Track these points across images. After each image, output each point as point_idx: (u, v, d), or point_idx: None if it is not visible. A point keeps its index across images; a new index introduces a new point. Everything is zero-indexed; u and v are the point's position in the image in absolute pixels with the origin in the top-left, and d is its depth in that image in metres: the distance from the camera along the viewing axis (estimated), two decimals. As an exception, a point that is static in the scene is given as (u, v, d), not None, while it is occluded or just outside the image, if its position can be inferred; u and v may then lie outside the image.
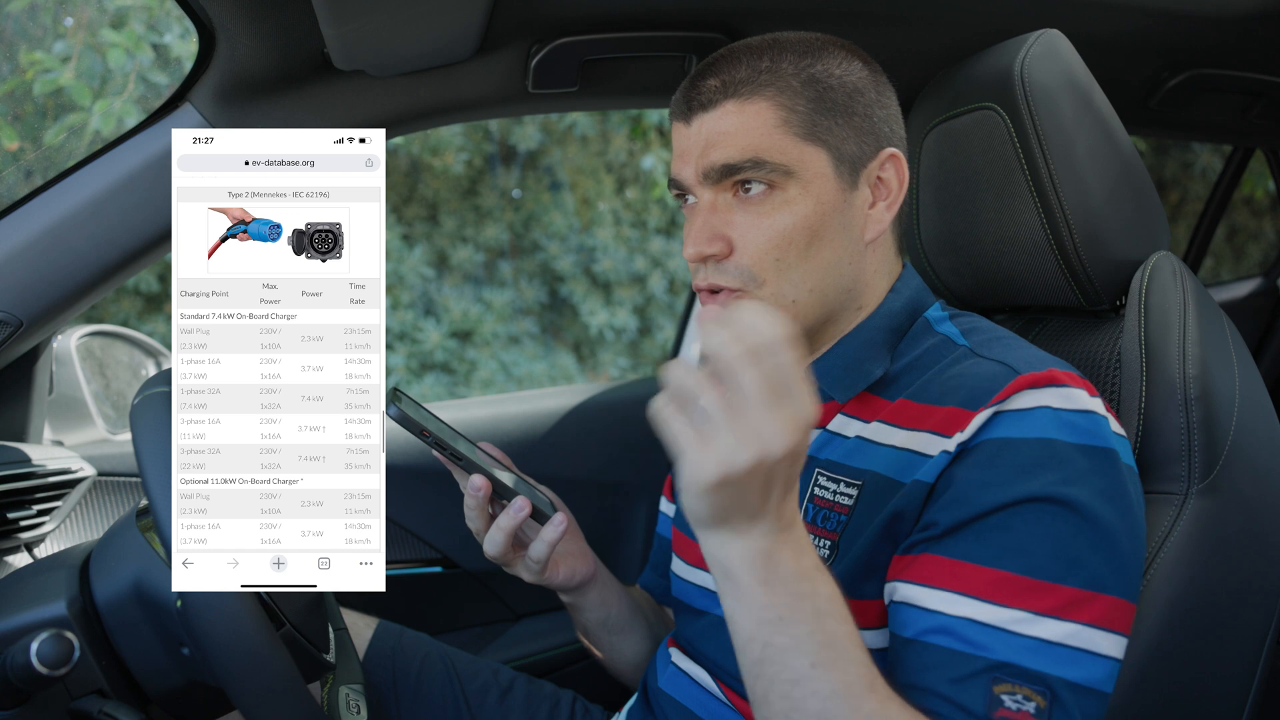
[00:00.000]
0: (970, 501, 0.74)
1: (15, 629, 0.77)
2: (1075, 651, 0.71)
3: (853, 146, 0.86)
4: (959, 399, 0.79)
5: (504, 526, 0.87)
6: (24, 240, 1.08)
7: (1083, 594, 0.71)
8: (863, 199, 0.88)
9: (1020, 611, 0.71)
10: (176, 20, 3.60)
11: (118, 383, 1.67)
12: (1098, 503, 0.73)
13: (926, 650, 0.73)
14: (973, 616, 0.72)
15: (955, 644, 0.72)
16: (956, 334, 0.88)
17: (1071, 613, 0.71)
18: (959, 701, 0.70)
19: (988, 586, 0.72)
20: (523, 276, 4.79)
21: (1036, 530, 0.73)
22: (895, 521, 0.78)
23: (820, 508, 0.85)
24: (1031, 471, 0.74)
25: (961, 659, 0.71)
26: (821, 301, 0.87)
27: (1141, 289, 0.91)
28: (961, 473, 0.76)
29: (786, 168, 0.84)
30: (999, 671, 0.70)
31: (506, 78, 1.21)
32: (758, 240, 0.85)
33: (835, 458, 0.86)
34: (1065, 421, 0.75)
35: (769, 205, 0.85)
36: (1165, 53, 1.31)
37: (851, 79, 0.87)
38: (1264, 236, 5.08)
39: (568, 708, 1.14)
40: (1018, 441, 0.75)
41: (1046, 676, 0.70)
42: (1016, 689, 0.70)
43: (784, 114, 0.84)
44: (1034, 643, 0.70)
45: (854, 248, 0.88)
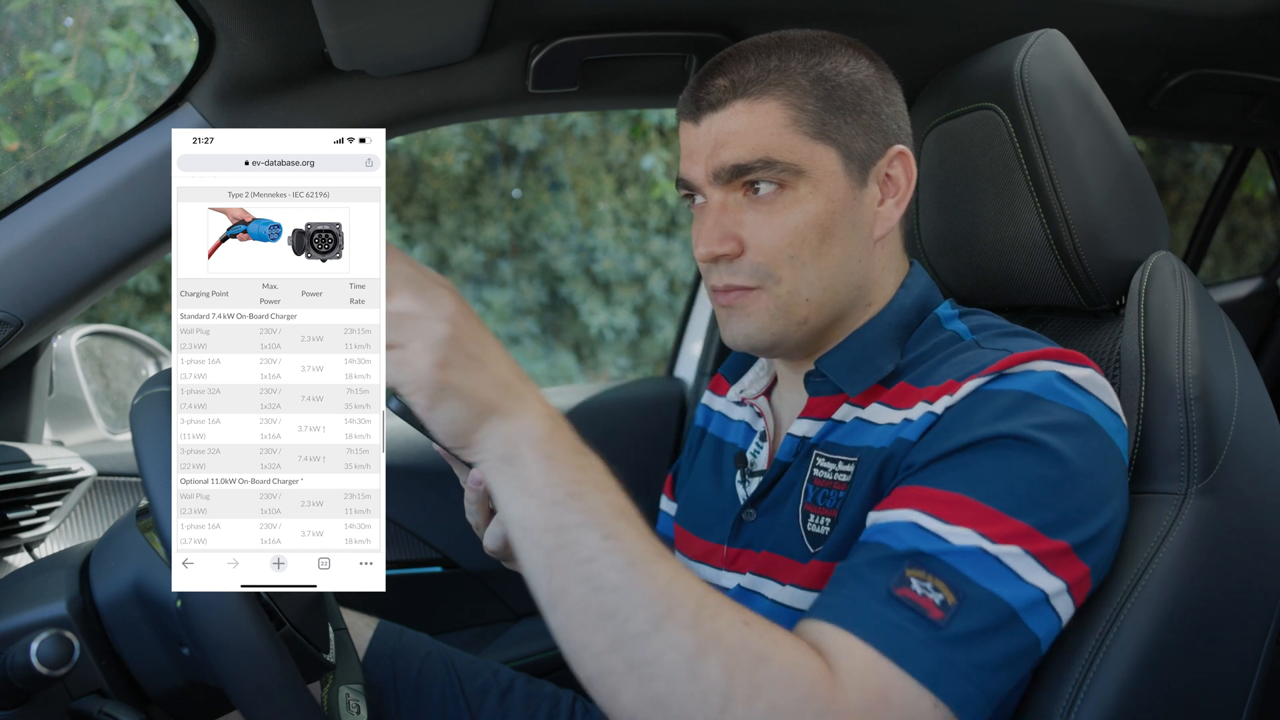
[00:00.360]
0: (941, 442, 0.75)
1: (15, 629, 0.77)
2: (1005, 569, 0.70)
3: (861, 144, 0.87)
4: (954, 375, 0.80)
5: None
6: (24, 240, 1.08)
7: (1032, 531, 0.71)
8: (872, 196, 0.88)
9: (964, 529, 0.70)
10: (177, 20, 3.60)
11: (118, 383, 1.67)
12: (1068, 453, 0.73)
13: (863, 546, 0.73)
14: (917, 523, 0.72)
15: (888, 540, 0.72)
16: (965, 330, 0.88)
17: (1014, 540, 0.70)
18: (866, 576, 0.70)
19: (942, 506, 0.72)
20: (523, 276, 4.79)
21: (999, 464, 0.73)
22: (880, 478, 0.79)
23: (819, 487, 0.86)
24: (1007, 414, 0.74)
25: (889, 549, 0.71)
26: (834, 299, 0.88)
27: (1141, 289, 0.91)
28: (942, 422, 0.77)
29: (797, 167, 0.84)
30: (919, 559, 0.70)
31: (506, 78, 1.21)
32: (770, 239, 0.85)
33: (833, 439, 0.87)
34: (1052, 385, 0.76)
35: (780, 204, 0.85)
36: (1165, 53, 1.31)
37: (859, 76, 0.87)
38: (1264, 236, 5.08)
39: (568, 708, 1.14)
40: (1000, 392, 0.76)
41: (966, 578, 0.69)
42: (929, 577, 0.69)
43: (794, 113, 0.85)
44: (967, 548, 0.70)
45: (864, 245, 0.88)
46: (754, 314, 0.87)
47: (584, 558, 0.63)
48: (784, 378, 0.99)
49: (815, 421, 0.90)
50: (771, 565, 0.88)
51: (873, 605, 0.68)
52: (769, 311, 0.87)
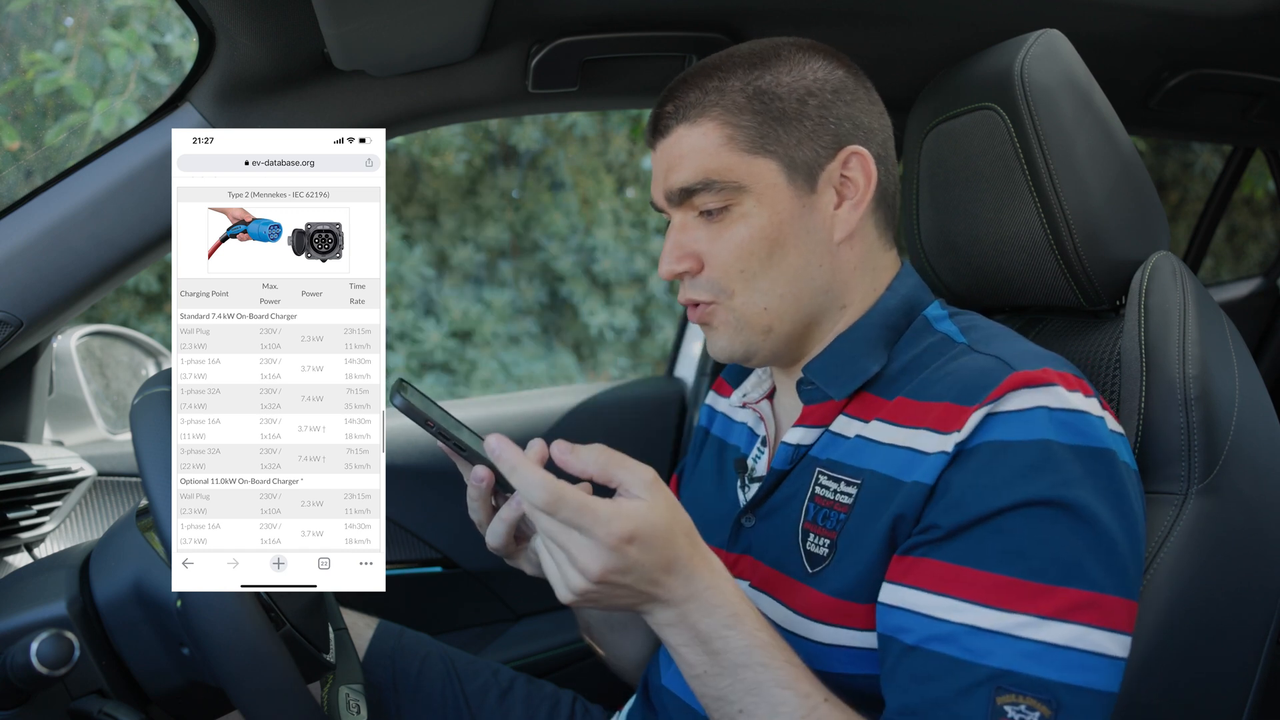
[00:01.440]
0: (969, 505, 0.75)
1: (15, 629, 0.77)
2: (1080, 654, 0.71)
3: (805, 152, 0.87)
4: (954, 394, 0.79)
5: (505, 518, 0.88)
6: (24, 240, 1.08)
7: (1084, 595, 0.71)
8: (826, 201, 0.88)
9: (1022, 616, 0.71)
10: (177, 20, 3.60)
11: (118, 383, 1.67)
12: (1096, 504, 0.73)
13: (930, 659, 0.73)
14: (975, 623, 0.72)
15: (957, 652, 0.72)
16: (955, 332, 0.88)
17: (1074, 615, 0.71)
18: (962, 713, 0.71)
19: (989, 591, 0.72)
20: (523, 276, 4.79)
21: (1035, 534, 0.73)
22: (898, 524, 0.79)
23: (820, 506, 0.85)
24: (1029, 475, 0.74)
25: (964, 668, 0.71)
26: (796, 305, 0.89)
27: (1141, 289, 0.91)
28: (959, 476, 0.76)
29: (737, 183, 0.86)
30: (1002, 680, 0.70)
31: (506, 78, 1.21)
32: (721, 255, 0.88)
33: (836, 457, 0.87)
34: (1061, 422, 0.75)
35: (727, 220, 0.88)
36: (1165, 53, 1.31)
37: (803, 83, 0.87)
38: (1264, 236, 5.08)
39: (568, 708, 1.14)
40: (1014, 445, 0.75)
41: (1050, 684, 0.70)
42: (1020, 699, 0.70)
43: (729, 131, 0.87)
44: (1037, 647, 0.70)
45: (822, 250, 0.89)
46: (719, 328, 0.91)
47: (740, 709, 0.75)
48: (781, 385, 0.99)
49: (810, 430, 0.89)
50: (770, 581, 0.88)
51: None
52: (730, 325, 0.90)
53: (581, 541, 0.70)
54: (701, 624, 0.74)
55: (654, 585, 0.73)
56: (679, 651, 0.76)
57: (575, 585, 0.71)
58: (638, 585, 0.72)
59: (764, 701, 0.74)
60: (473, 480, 0.86)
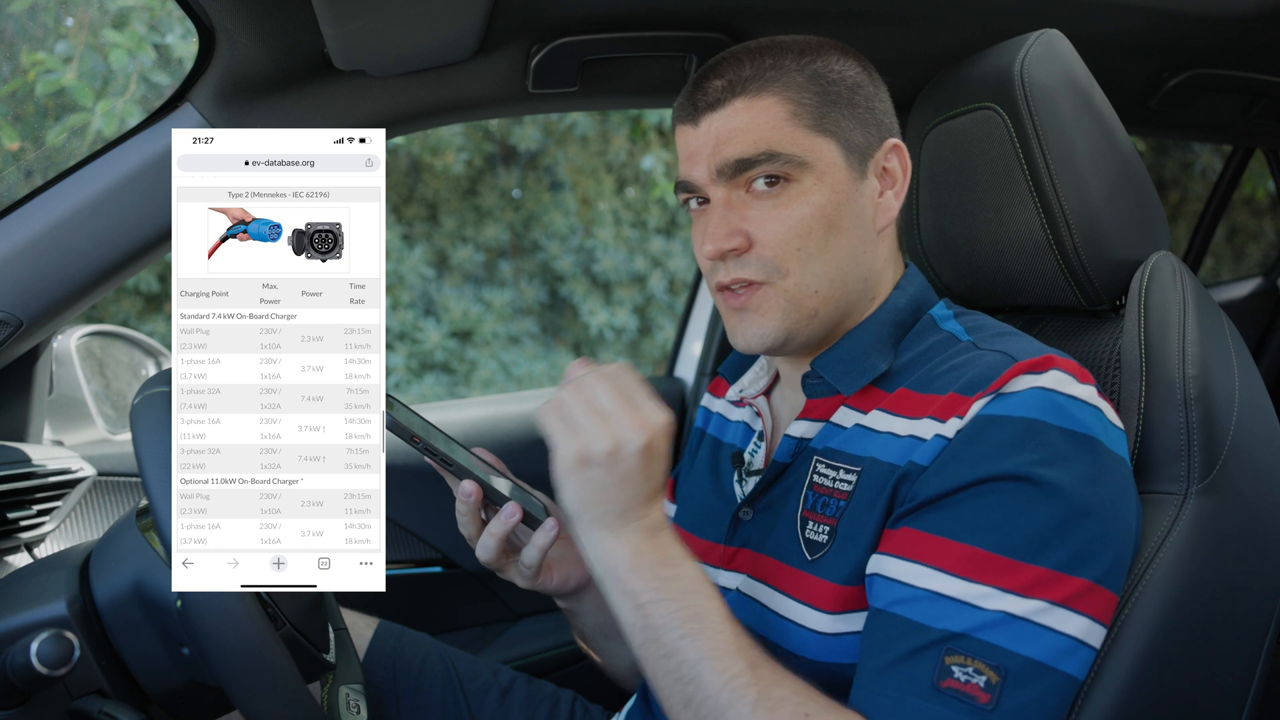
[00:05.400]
0: (948, 475, 0.76)
1: (15, 629, 0.77)
2: (1036, 628, 0.71)
3: (859, 137, 0.88)
4: (959, 386, 0.80)
5: (495, 532, 0.88)
6: (24, 240, 1.08)
7: (1052, 574, 0.72)
8: (871, 188, 0.89)
9: (986, 587, 0.72)
10: (178, 20, 3.60)
11: (118, 383, 1.68)
12: (1075, 487, 0.74)
13: (891, 621, 0.74)
14: (939, 590, 0.73)
15: (916, 615, 0.73)
16: (961, 330, 0.89)
17: (1037, 591, 0.71)
18: (906, 671, 0.72)
19: (957, 562, 0.73)
20: (523, 276, 4.79)
21: (1009, 509, 0.73)
22: (894, 499, 0.80)
23: (819, 494, 0.85)
24: (1009, 450, 0.74)
25: (920, 630, 0.72)
26: (842, 291, 0.88)
27: (1141, 289, 0.91)
28: (950, 448, 0.77)
29: (800, 159, 0.85)
30: (953, 643, 0.71)
31: (506, 78, 1.21)
32: (778, 232, 0.86)
33: (834, 445, 0.87)
34: (1053, 404, 0.76)
35: (785, 197, 0.86)
36: (1165, 53, 1.31)
37: (850, 73, 0.89)
38: (1264, 236, 5.08)
39: (568, 708, 1.14)
40: (1001, 419, 0.76)
41: (1002, 650, 0.70)
42: (968, 661, 0.71)
43: (793, 107, 0.86)
44: (996, 616, 0.71)
45: (867, 237, 0.89)
46: (766, 312, 0.87)
47: (664, 654, 0.75)
48: (786, 378, 0.99)
49: (813, 423, 0.90)
50: (769, 570, 0.88)
51: (923, 705, 0.70)
52: (779, 307, 0.87)
53: (627, 412, 0.74)
54: (665, 550, 0.78)
55: (634, 498, 0.76)
56: (631, 575, 0.77)
57: (594, 448, 0.74)
58: (629, 484, 0.75)
59: (704, 628, 0.75)
60: (461, 495, 0.86)
